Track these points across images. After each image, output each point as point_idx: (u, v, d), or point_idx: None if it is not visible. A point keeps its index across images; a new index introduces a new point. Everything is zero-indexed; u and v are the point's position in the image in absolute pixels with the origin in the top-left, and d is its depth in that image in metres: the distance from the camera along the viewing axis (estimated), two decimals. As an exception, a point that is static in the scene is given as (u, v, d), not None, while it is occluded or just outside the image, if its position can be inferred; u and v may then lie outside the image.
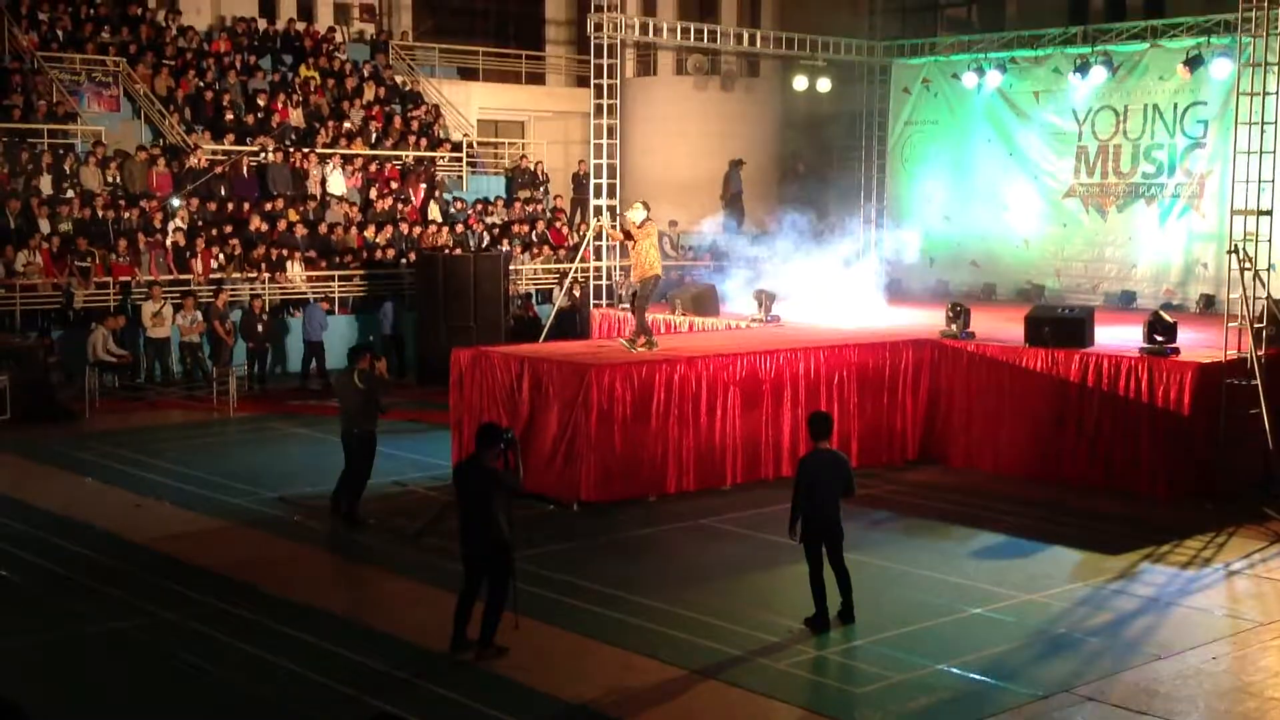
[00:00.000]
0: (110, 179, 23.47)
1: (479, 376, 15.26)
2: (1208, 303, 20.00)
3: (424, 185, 26.74)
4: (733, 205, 27.69)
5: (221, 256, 22.60)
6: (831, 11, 30.74)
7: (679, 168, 29.32)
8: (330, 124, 27.04)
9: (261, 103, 26.57)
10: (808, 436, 11.08)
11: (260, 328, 21.60)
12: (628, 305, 16.25)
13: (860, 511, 13.70)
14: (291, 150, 25.55)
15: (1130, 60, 21.52)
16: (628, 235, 15.55)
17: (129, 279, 21.46)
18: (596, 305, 21.24)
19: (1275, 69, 14.76)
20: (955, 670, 9.61)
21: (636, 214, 15.51)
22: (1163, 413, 14.63)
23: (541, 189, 29.28)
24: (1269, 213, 14.63)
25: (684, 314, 19.60)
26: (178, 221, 22.86)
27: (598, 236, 21.42)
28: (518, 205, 27.81)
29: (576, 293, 22.78)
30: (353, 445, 13.55)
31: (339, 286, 23.54)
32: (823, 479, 10.47)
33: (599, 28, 20.69)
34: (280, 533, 13.34)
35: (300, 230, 23.94)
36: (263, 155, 25.14)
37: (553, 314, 22.63)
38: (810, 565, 10.52)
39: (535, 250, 26.28)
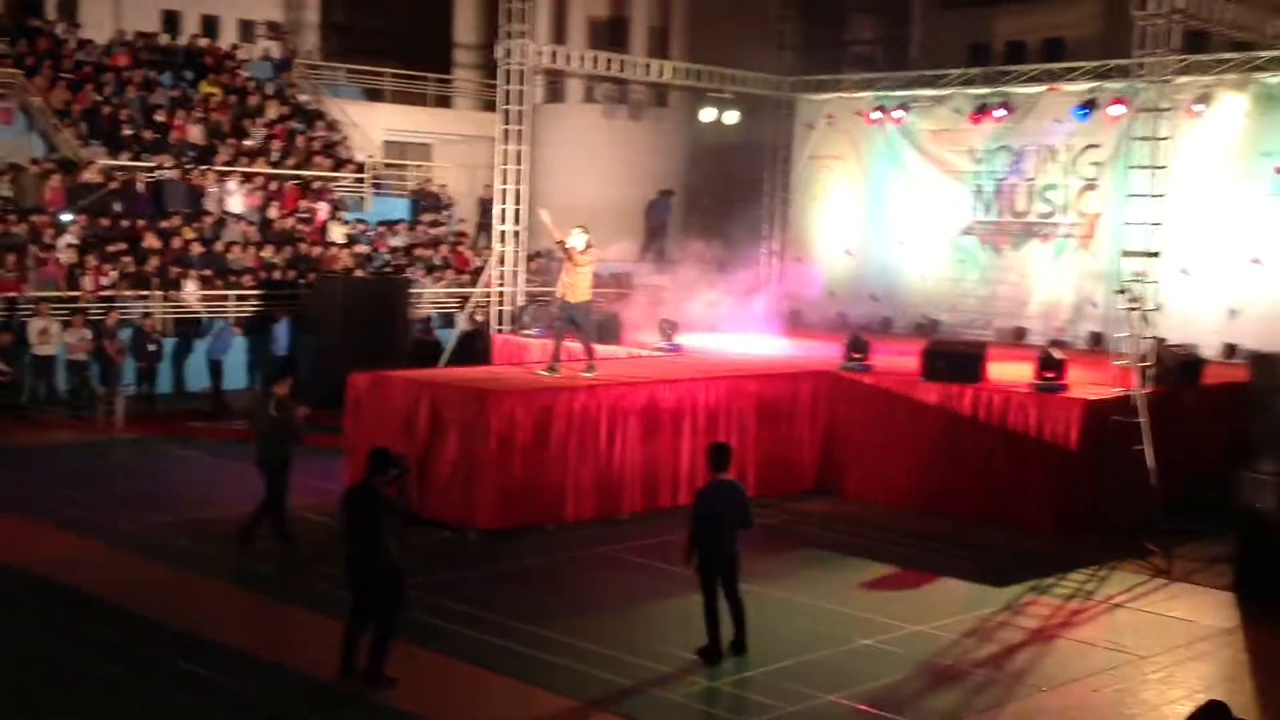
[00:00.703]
0: (2, 192, 22.89)
1: (377, 401, 15.11)
2: (1096, 340, 20.48)
3: (325, 205, 26.47)
4: (654, 235, 27.79)
5: (114, 274, 22.13)
6: (740, 45, 31.08)
7: (586, 195, 29.30)
8: (230, 142, 26.67)
9: (160, 119, 26.12)
10: (707, 467, 11.12)
11: (151, 347, 21.17)
12: (555, 329, 16.42)
13: (756, 542, 13.77)
14: (189, 167, 25.14)
15: (1028, 103, 22.03)
16: (570, 256, 15.61)
17: (14, 294, 20.92)
18: (499, 331, 21.15)
19: (1167, 115, 15.18)
20: (844, 702, 9.69)
21: (578, 239, 15.61)
22: (1051, 448, 14.94)
23: (446, 212, 29.15)
24: (1157, 254, 15.03)
25: (583, 340, 19.54)
26: (69, 237, 22.35)
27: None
28: (421, 228, 27.65)
29: (479, 317, 22.68)
30: (267, 469, 13.31)
31: (234, 306, 23.16)
32: (720, 510, 10.53)
33: (508, 54, 20.67)
34: (166, 558, 13.04)
35: (196, 248, 23.54)
36: (159, 172, 24.70)
37: (454, 338, 22.50)
38: (705, 596, 10.55)
39: (438, 274, 26.13)
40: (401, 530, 9.71)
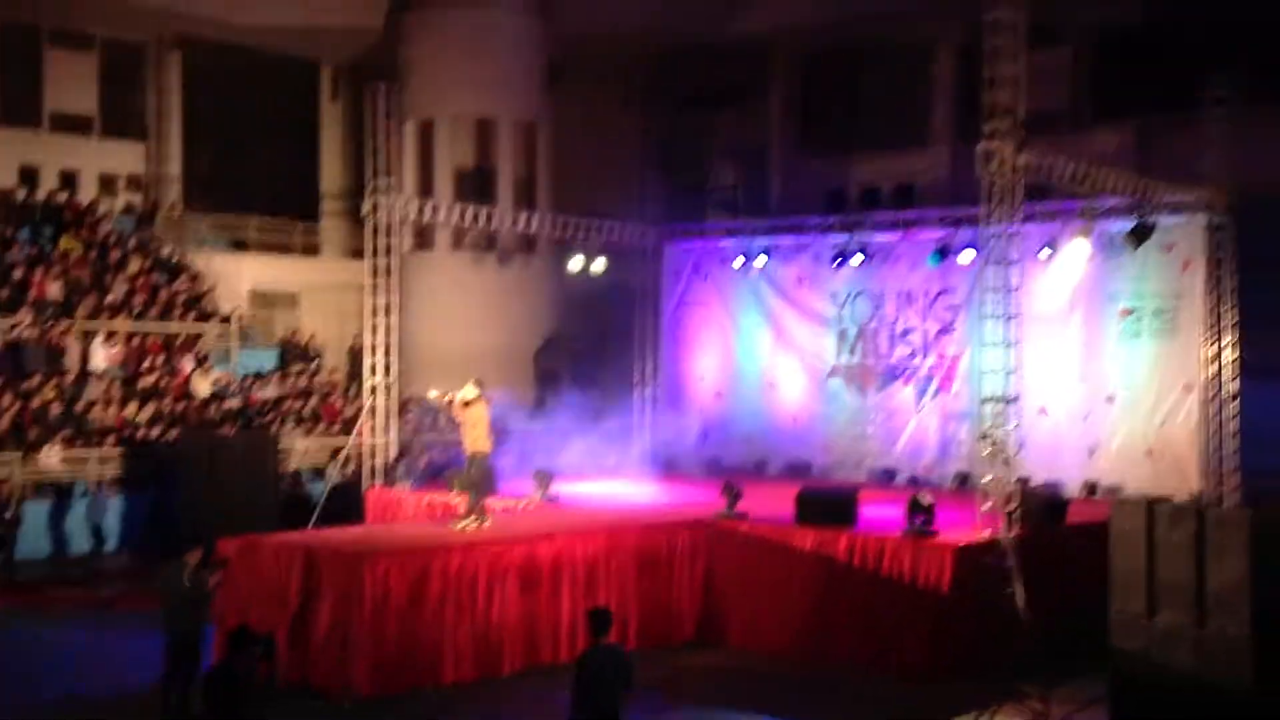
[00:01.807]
0: None
1: (247, 566, 14.74)
2: (962, 480, 20.95)
3: (191, 359, 26.03)
4: (544, 382, 27.85)
5: (-32, 437, 21.43)
6: (604, 193, 31.77)
7: (456, 341, 29.42)
8: (92, 296, 26.17)
9: (18, 276, 25.55)
10: (587, 632, 11.03)
11: (8, 514, 20.41)
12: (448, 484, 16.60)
13: (639, 699, 13.63)
14: (48, 325, 24.56)
15: (884, 249, 22.79)
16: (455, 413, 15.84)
17: None
18: (370, 485, 20.85)
19: (1016, 265, 15.83)
20: None
21: (466, 393, 15.96)
22: (925, 593, 15.14)
23: (315, 362, 28.89)
24: (1015, 400, 15.55)
25: (460, 494, 19.40)
26: (-79, 399, 21.62)
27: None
28: (291, 380, 27.33)
29: (349, 469, 22.36)
30: (178, 646, 12.74)
31: (96, 467, 22.51)
32: (602, 675, 10.43)
33: (375, 208, 20.78)
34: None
35: (56, 408, 22.90)
36: (15, 331, 24.09)
37: (324, 490, 22.10)
38: (590, 763, 10.38)
39: (308, 425, 25.78)
40: (260, 711, 9.38)
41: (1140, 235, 18.91)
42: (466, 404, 16.00)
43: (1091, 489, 20.00)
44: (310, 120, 35.24)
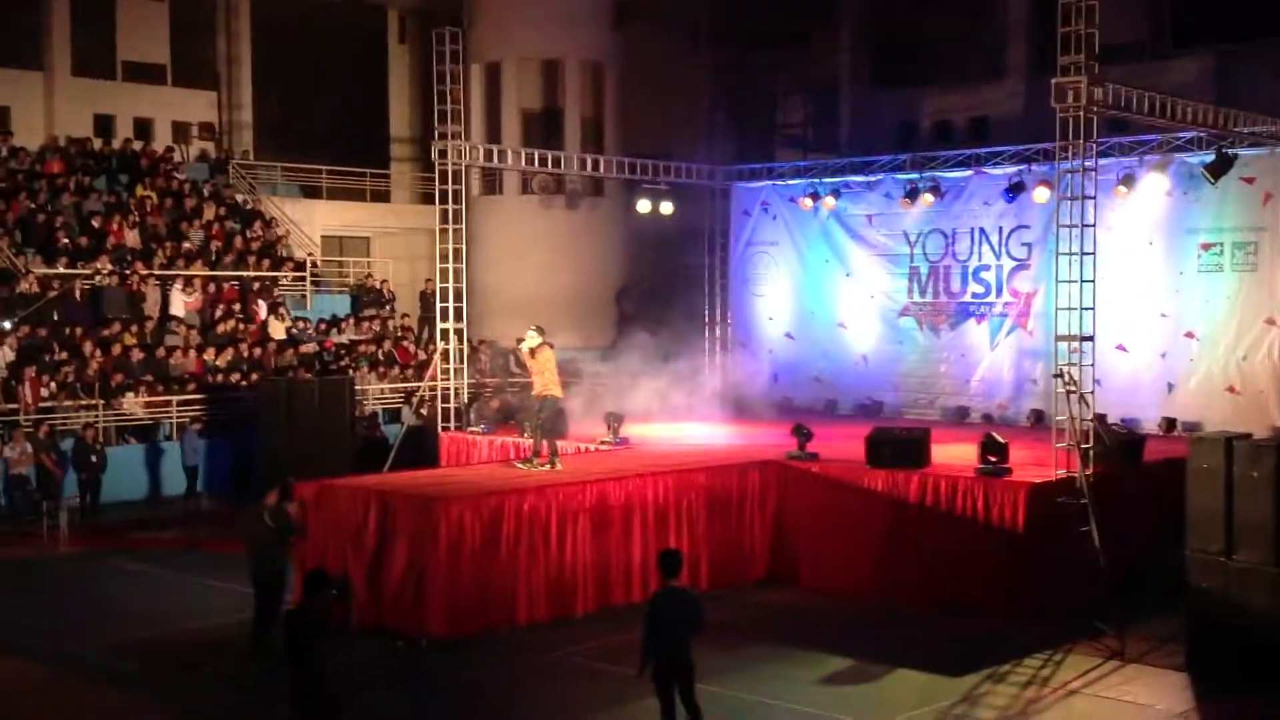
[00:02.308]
0: (-65, 305, 22.69)
1: (324, 510, 15.00)
2: (1038, 418, 20.75)
3: (265, 304, 26.39)
4: (625, 324, 27.94)
5: (53, 385, 21.89)
6: (673, 133, 31.55)
7: (526, 285, 29.48)
8: (168, 244, 26.57)
9: (96, 224, 26.00)
10: (657, 573, 11.11)
11: (94, 458, 20.90)
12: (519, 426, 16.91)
13: (711, 636, 13.72)
14: (128, 272, 24.99)
15: (956, 186, 22.47)
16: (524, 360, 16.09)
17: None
18: (445, 428, 21.06)
19: (1092, 201, 15.54)
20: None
21: (529, 341, 16.30)
22: (998, 531, 15.07)
23: (388, 307, 29.15)
24: (1091, 338, 15.32)
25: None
26: (6, 349, 22.09)
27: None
28: (364, 323, 27.62)
29: (424, 411, 22.61)
30: (267, 584, 13.27)
31: (177, 412, 22.97)
32: (671, 617, 10.50)
33: (443, 154, 20.83)
34: (113, 684, 12.81)
35: (137, 355, 23.35)
36: (97, 278, 24.55)
37: (400, 434, 22.39)
38: (662, 704, 10.50)
39: (382, 369, 26.07)
40: (344, 655, 9.54)
41: (1220, 167, 18.44)
42: (533, 352, 16.08)
43: (1170, 426, 19.72)
44: (378, 65, 35.34)
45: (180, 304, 25.24)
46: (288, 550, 13.68)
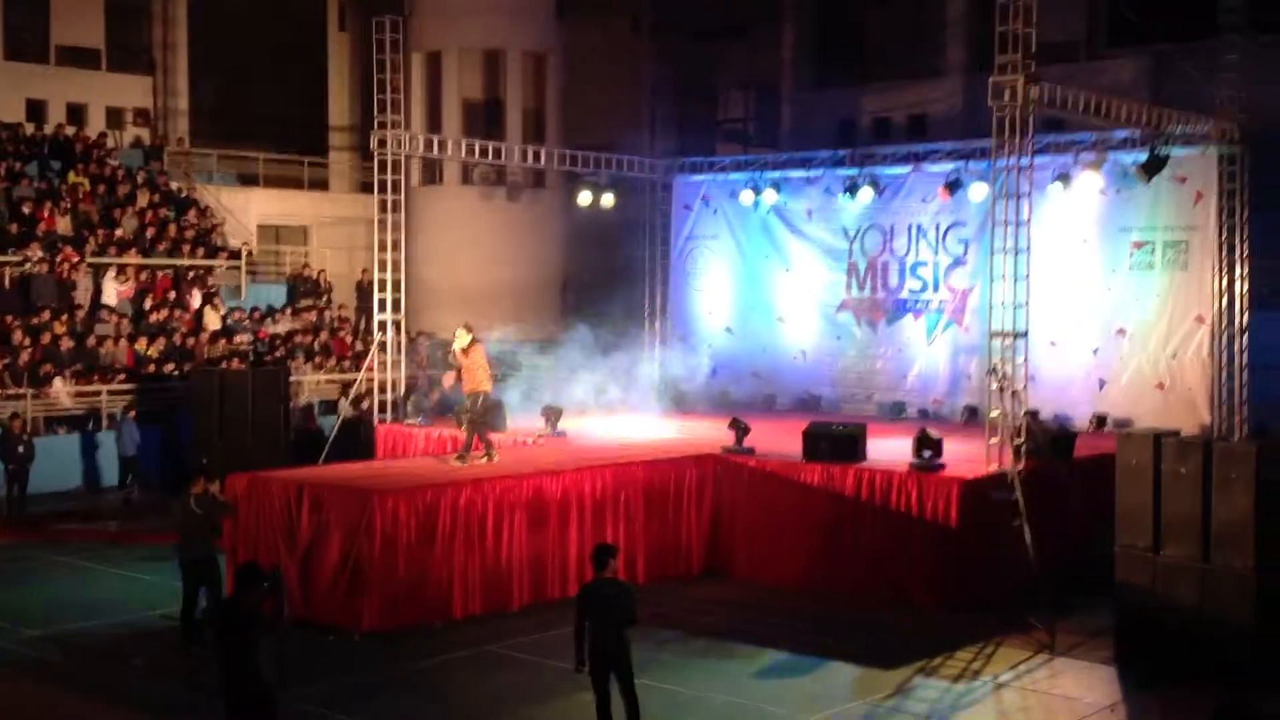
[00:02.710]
0: None
1: (256, 502, 14.82)
2: (971, 414, 20.94)
3: (200, 294, 26.05)
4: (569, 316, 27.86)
5: (-21, 373, 21.52)
6: (614, 128, 31.54)
7: (465, 276, 29.35)
8: (100, 232, 26.15)
9: (27, 211, 25.52)
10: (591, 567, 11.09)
11: (21, 448, 20.53)
12: (455, 420, 16.80)
13: (648, 631, 13.71)
14: (58, 260, 24.57)
15: (895, 182, 22.60)
16: (457, 366, 15.97)
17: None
18: (381, 420, 20.91)
19: (1027, 198, 15.69)
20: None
21: (460, 340, 16.12)
22: (932, 525, 15.21)
23: (324, 297, 28.88)
24: (1025, 334, 15.48)
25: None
26: (-69, 337, 21.70)
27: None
28: (301, 314, 27.34)
29: (364, 404, 22.42)
30: (197, 571, 13.29)
31: (107, 402, 22.63)
32: (604, 609, 10.49)
33: (383, 144, 20.66)
34: (39, 676, 12.60)
35: (66, 344, 22.97)
36: (27, 265, 24.11)
37: (335, 426, 22.19)
38: (597, 696, 10.49)
39: (318, 360, 25.83)
40: (276, 647, 9.47)
41: (1153, 167, 18.69)
42: (465, 351, 16.02)
43: (1101, 422, 19.97)
44: (318, 53, 35.01)
45: (113, 292, 24.85)
46: (217, 537, 13.67)
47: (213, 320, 25.58)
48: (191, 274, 26.54)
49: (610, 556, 10.87)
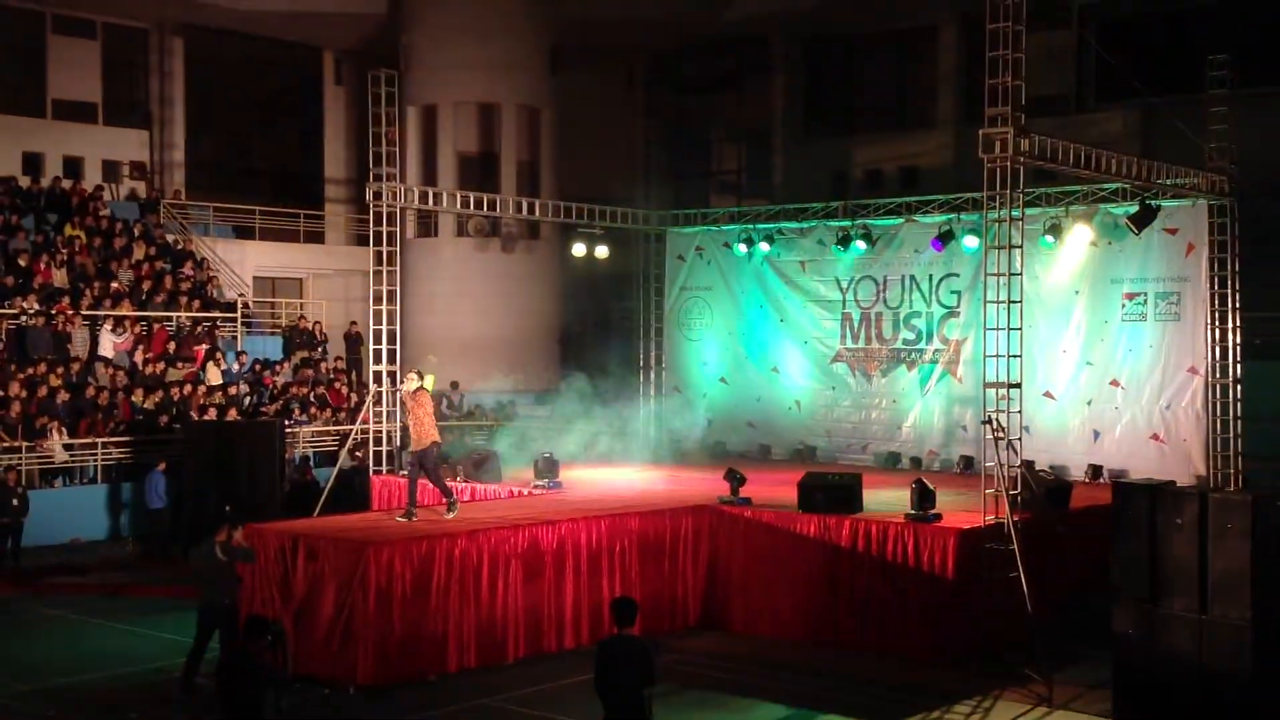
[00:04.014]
0: None
1: (252, 554, 14.78)
2: (967, 464, 20.98)
3: (197, 346, 26.07)
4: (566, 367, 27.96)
5: (-27, 425, 21.48)
6: (608, 180, 31.76)
7: (461, 327, 29.46)
8: (96, 284, 26.20)
9: (23, 263, 25.58)
10: (611, 621, 10.95)
11: (15, 501, 20.46)
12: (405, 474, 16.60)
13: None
14: (54, 312, 24.59)
15: (887, 234, 22.75)
16: (403, 405, 15.85)
17: None
18: (377, 471, 20.88)
19: (1019, 250, 15.78)
20: None
21: (410, 385, 15.93)
22: (928, 577, 15.20)
23: (320, 349, 28.91)
24: (1019, 385, 15.54)
25: (465, 480, 19.48)
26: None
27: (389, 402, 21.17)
28: (298, 366, 27.34)
29: (359, 453, 22.39)
30: (219, 619, 13.43)
31: (102, 455, 22.60)
32: (620, 666, 10.37)
33: (378, 196, 20.77)
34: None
35: (62, 396, 22.95)
36: (23, 318, 24.13)
37: (332, 476, 22.11)
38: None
39: (314, 412, 25.82)
40: (276, 700, 9.45)
41: (1144, 219, 18.84)
42: (414, 395, 15.95)
43: (1096, 473, 20.01)
44: (313, 106, 35.23)
45: (109, 344, 24.87)
46: (239, 585, 13.83)
47: (214, 376, 25.55)
48: (188, 326, 26.55)
49: (632, 612, 10.52)
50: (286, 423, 23.96)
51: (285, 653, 9.70)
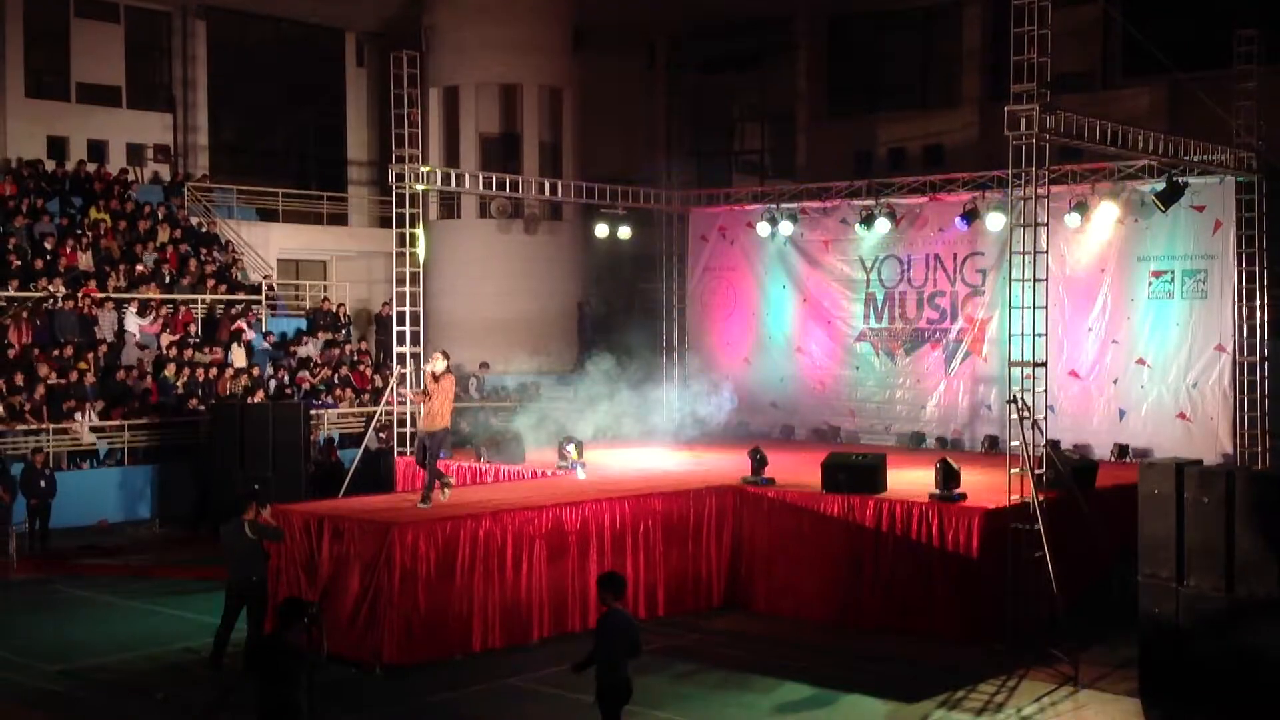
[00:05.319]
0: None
1: (278, 536, 14.85)
2: (992, 443, 20.89)
3: (221, 328, 26.18)
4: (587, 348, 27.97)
5: (1, 408, 21.59)
6: (631, 160, 31.67)
7: (484, 309, 29.47)
8: (121, 267, 26.32)
9: (49, 247, 25.72)
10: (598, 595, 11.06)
11: (43, 483, 20.60)
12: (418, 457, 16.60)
13: (667, 663, 13.77)
14: (81, 296, 24.71)
15: (911, 212, 22.62)
16: (426, 391, 15.77)
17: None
18: (401, 453, 20.93)
19: (1045, 228, 15.67)
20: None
21: (437, 365, 15.85)
22: (953, 556, 15.15)
23: (344, 330, 28.99)
24: (1044, 364, 15.44)
25: (488, 461, 19.52)
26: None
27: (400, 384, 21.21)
28: (321, 347, 27.41)
29: (384, 436, 22.45)
30: (247, 596, 13.60)
31: (129, 437, 22.72)
32: (612, 639, 10.49)
33: (400, 178, 20.77)
34: (62, 711, 12.61)
35: (90, 379, 23.08)
36: (50, 301, 24.27)
37: (357, 457, 22.19)
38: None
39: (338, 393, 25.90)
40: (308, 679, 9.49)
41: (1171, 196, 18.68)
42: (438, 377, 15.83)
43: (1122, 452, 19.90)
44: (336, 88, 35.26)
45: (135, 327, 24.99)
46: (267, 561, 13.91)
47: (240, 358, 25.64)
48: (212, 308, 26.64)
49: (616, 586, 10.77)
50: (312, 404, 24.05)
51: (322, 632, 9.70)
